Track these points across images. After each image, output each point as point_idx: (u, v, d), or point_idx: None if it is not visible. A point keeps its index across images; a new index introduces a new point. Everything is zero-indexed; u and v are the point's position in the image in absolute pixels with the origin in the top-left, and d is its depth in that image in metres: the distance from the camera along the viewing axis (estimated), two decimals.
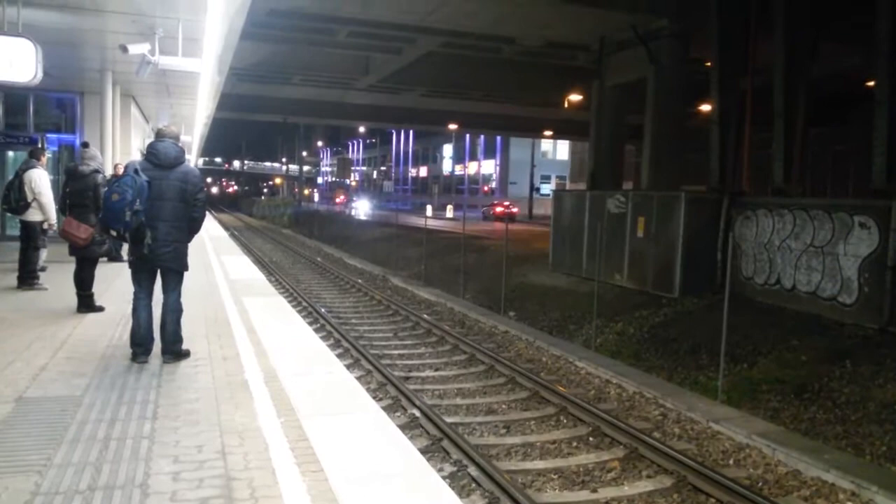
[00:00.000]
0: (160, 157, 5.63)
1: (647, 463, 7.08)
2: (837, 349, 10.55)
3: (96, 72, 12.70)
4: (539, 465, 7.05)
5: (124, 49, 9.07)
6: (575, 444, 7.66)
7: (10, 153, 15.16)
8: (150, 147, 5.76)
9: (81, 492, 3.38)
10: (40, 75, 7.83)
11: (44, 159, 9.39)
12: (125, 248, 5.80)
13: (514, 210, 46.18)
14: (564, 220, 19.12)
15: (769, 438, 7.54)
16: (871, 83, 14.51)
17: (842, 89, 20.59)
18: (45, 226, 9.18)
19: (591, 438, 7.79)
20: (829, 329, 11.54)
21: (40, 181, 9.01)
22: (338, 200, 73.80)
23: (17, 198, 9.03)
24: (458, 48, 25.19)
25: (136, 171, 5.48)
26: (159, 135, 5.83)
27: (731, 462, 7.32)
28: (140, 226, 5.45)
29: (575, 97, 28.94)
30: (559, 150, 62.31)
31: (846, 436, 8.28)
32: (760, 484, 6.79)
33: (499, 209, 45.59)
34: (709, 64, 17.30)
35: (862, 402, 8.93)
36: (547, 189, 54.69)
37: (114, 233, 5.64)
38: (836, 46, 18.32)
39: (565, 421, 8.36)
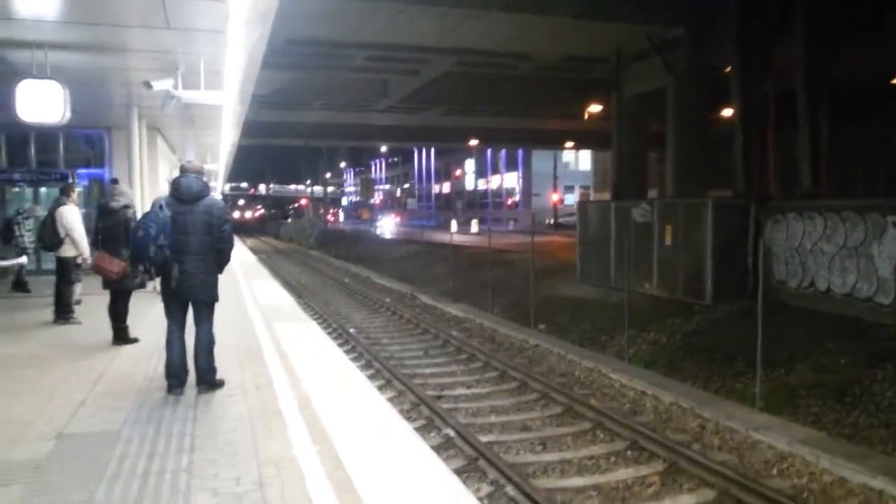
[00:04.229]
0: (183, 192, 5.79)
1: (687, 476, 6.96)
2: (877, 351, 10.29)
3: (122, 107, 12.95)
4: (578, 481, 6.95)
5: (148, 85, 9.28)
6: (613, 459, 7.56)
7: (43, 189, 15.57)
8: (174, 183, 5.93)
9: None
10: (68, 115, 8.06)
11: (74, 195, 9.58)
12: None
13: (337, 219, 65.39)
14: (590, 232, 18.99)
15: (812, 445, 7.36)
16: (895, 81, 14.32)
17: (864, 88, 20.31)
18: (79, 260, 9.36)
19: (628, 453, 7.68)
20: (867, 331, 11.28)
21: (70, 217, 9.20)
22: (329, 218, 73.62)
23: (50, 235, 9.25)
24: (474, 66, 25.35)
25: (160, 207, 5.63)
26: (182, 170, 6.02)
27: (774, 472, 7.16)
28: (165, 260, 5.57)
29: (594, 108, 28.88)
30: (581, 159, 62.11)
31: (892, 440, 8.06)
32: (806, 494, 6.63)
33: (329, 217, 63.01)
34: (728, 70, 17.19)
35: None
36: (570, 200, 54.66)
37: (142, 267, 5.78)
38: (856, 47, 18.08)
39: (602, 435, 8.26)
